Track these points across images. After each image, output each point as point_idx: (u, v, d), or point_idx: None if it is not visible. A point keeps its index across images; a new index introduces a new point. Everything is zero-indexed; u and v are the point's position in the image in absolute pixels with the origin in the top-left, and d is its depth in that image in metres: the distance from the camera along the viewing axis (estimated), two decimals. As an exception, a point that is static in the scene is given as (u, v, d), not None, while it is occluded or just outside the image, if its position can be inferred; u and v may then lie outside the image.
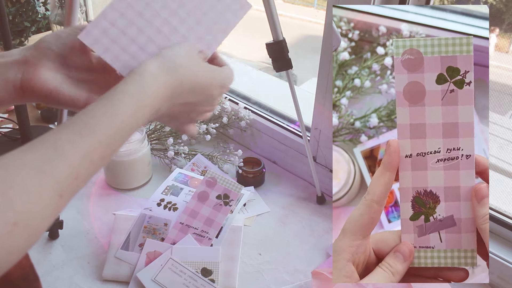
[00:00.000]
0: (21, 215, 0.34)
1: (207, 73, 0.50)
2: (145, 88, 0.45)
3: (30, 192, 0.35)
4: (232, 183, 0.95)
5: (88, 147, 0.39)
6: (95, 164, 0.40)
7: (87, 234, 0.96)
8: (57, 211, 0.37)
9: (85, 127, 0.40)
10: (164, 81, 0.46)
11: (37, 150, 0.37)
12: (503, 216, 0.88)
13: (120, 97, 0.43)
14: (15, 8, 1.46)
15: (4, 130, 1.22)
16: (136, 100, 0.44)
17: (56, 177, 0.36)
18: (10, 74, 0.49)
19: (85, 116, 0.41)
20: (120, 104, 0.43)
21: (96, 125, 0.40)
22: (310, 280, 0.87)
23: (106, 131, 0.41)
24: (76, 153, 0.38)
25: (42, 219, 0.36)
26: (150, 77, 0.45)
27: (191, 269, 0.84)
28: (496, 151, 0.92)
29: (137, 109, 0.43)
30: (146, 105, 0.44)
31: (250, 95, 1.29)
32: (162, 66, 0.47)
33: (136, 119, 0.43)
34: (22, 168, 0.35)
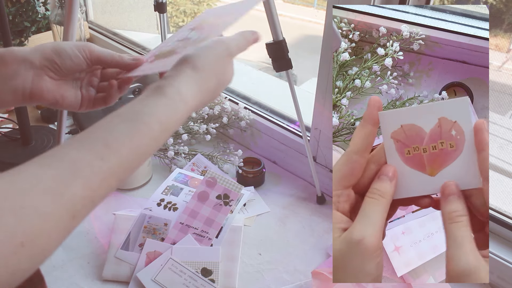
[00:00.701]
0: (29, 236, 0.32)
1: (230, 69, 0.52)
2: (174, 113, 0.44)
3: (42, 212, 0.33)
4: (232, 183, 0.95)
5: (108, 171, 0.38)
6: (113, 187, 0.39)
7: (87, 234, 0.96)
8: (67, 232, 0.36)
9: (107, 150, 0.39)
10: (194, 102, 0.46)
11: (55, 168, 0.36)
12: (503, 216, 0.88)
13: (147, 120, 0.42)
14: (15, 8, 1.46)
15: (4, 130, 1.22)
16: (164, 125, 0.43)
17: (72, 199, 0.35)
18: (18, 82, 0.52)
19: (106, 134, 0.40)
20: (146, 128, 0.41)
21: (118, 149, 0.39)
22: (310, 280, 0.87)
23: (128, 155, 0.40)
24: (96, 178, 0.37)
25: (50, 240, 0.34)
26: (181, 102, 0.45)
27: (191, 269, 0.84)
28: (496, 151, 0.92)
29: (163, 132, 0.43)
30: (172, 128, 0.44)
31: (250, 95, 1.29)
32: (191, 78, 0.47)
33: (158, 141, 0.43)
34: (37, 187, 0.34)
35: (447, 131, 0.44)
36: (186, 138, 1.15)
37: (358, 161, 0.45)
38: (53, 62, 0.52)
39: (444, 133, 0.44)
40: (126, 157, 0.39)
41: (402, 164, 0.46)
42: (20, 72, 0.52)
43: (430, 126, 0.44)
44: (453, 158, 0.44)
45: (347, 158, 0.45)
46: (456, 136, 0.44)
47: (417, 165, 0.45)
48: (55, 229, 0.34)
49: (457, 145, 0.44)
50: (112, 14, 1.77)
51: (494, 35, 0.87)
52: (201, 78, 0.48)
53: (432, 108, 0.44)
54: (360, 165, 0.45)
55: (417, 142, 0.45)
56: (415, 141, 0.45)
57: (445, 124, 0.44)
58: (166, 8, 1.33)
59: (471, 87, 0.89)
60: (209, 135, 1.16)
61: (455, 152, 0.44)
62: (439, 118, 0.44)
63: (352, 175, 0.45)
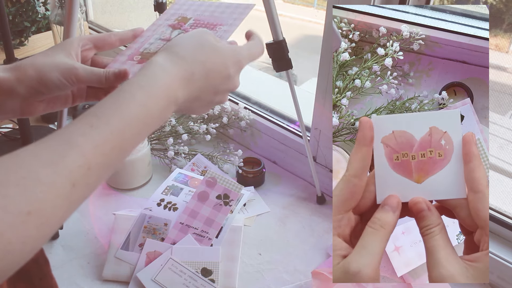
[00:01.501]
0: (34, 204, 0.34)
1: (218, 56, 0.50)
2: (153, 78, 0.45)
3: (43, 182, 0.35)
4: (232, 183, 0.95)
5: (100, 138, 0.39)
6: (109, 155, 0.40)
7: (87, 234, 0.96)
8: (70, 200, 0.37)
9: (95, 119, 0.40)
10: (174, 72, 0.46)
11: (49, 143, 0.38)
12: (503, 216, 0.88)
13: (128, 88, 0.43)
14: (15, 8, 1.46)
15: (4, 130, 1.22)
16: (145, 90, 0.43)
17: (68, 166, 0.36)
18: (7, 109, 0.53)
19: (95, 109, 0.41)
20: (128, 94, 0.43)
21: (106, 116, 0.40)
22: (310, 280, 0.87)
23: (116, 121, 0.41)
24: (88, 144, 0.38)
25: (54, 208, 0.35)
26: (159, 69, 0.45)
27: (191, 269, 0.84)
28: (496, 151, 0.92)
29: (147, 99, 0.43)
30: (157, 95, 0.44)
31: (250, 95, 1.29)
32: (168, 59, 0.47)
33: (147, 108, 0.43)
34: (35, 159, 0.36)
35: (437, 140, 0.45)
36: (186, 138, 1.15)
37: (358, 184, 0.45)
38: (40, 93, 0.52)
39: (434, 142, 0.45)
40: (114, 123, 0.40)
41: (389, 170, 0.46)
42: (7, 103, 0.52)
43: (421, 134, 0.45)
44: (440, 167, 0.45)
45: (347, 182, 0.45)
46: (445, 146, 0.45)
47: (404, 171, 0.46)
48: (58, 198, 0.36)
49: (446, 155, 0.45)
50: (112, 14, 1.77)
51: (494, 35, 0.87)
52: (179, 59, 0.48)
53: (424, 116, 0.45)
54: (360, 188, 0.45)
55: (406, 148, 0.46)
56: (404, 147, 0.46)
57: (436, 133, 0.45)
58: (166, 8, 1.33)
59: (471, 87, 0.89)
60: (209, 135, 1.16)
61: (443, 161, 0.45)
62: (430, 127, 0.45)
63: (352, 199, 0.45)
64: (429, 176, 0.45)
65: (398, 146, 0.46)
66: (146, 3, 1.81)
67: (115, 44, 0.59)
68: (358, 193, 0.45)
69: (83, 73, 0.52)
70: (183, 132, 1.16)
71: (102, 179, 0.41)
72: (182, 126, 1.17)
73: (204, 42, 0.50)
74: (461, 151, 0.44)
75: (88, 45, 0.56)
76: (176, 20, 0.62)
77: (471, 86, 0.89)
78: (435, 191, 0.45)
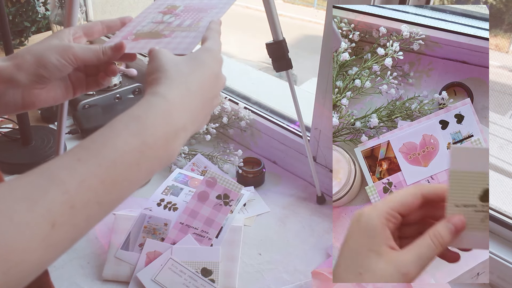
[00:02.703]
0: (4, 247, 0.30)
1: (199, 61, 0.47)
2: (149, 107, 0.42)
3: (14, 220, 0.31)
4: (232, 183, 0.95)
5: (87, 172, 0.35)
6: (98, 191, 0.36)
7: (87, 234, 0.95)
8: (48, 243, 0.33)
9: (83, 151, 0.37)
10: (172, 96, 0.43)
11: (30, 177, 0.34)
12: (503, 216, 0.88)
13: (120, 118, 0.40)
14: (15, 8, 1.46)
15: (4, 130, 1.22)
16: (140, 120, 0.40)
17: (47, 204, 0.33)
18: (8, 99, 0.52)
19: (84, 141, 0.38)
20: (121, 125, 0.40)
21: (95, 148, 0.37)
22: (310, 280, 0.87)
23: (106, 153, 0.37)
24: (73, 179, 0.34)
25: (26, 251, 0.31)
26: (158, 97, 0.43)
27: (191, 269, 0.84)
28: (496, 151, 0.92)
29: (141, 128, 0.40)
30: (154, 123, 0.40)
31: (250, 95, 1.29)
32: (161, 85, 0.44)
33: (143, 138, 0.39)
34: (9, 194, 0.32)
35: (428, 141, 0.84)
36: (186, 138, 1.15)
37: (417, 202, 0.45)
38: (41, 76, 0.51)
39: (427, 143, 0.84)
40: (105, 155, 0.37)
41: (407, 164, 0.84)
42: (8, 92, 0.52)
43: (418, 140, 0.83)
44: (434, 154, 0.83)
45: (419, 191, 0.45)
46: (434, 143, 0.83)
47: (416, 162, 0.84)
48: (33, 240, 0.32)
49: (435, 148, 0.80)
50: (112, 14, 1.77)
51: (494, 35, 0.87)
52: (168, 80, 0.45)
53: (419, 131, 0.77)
54: (416, 205, 0.45)
55: (413, 151, 0.84)
56: (412, 150, 0.84)
57: (427, 138, 0.84)
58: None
59: (471, 87, 0.89)
60: (209, 135, 1.16)
61: (434, 151, 0.83)
62: (423, 135, 0.84)
63: (411, 207, 0.45)
64: (430, 161, 0.84)
65: (409, 151, 0.84)
66: (146, 3, 1.81)
67: (103, 31, 0.59)
68: (413, 208, 0.45)
69: (80, 50, 0.52)
70: (183, 132, 1.16)
71: (96, 218, 0.37)
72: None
73: (177, 58, 0.48)
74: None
75: (79, 33, 0.57)
76: (166, 8, 0.63)
77: (471, 86, 0.89)
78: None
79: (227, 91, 1.30)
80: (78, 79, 0.58)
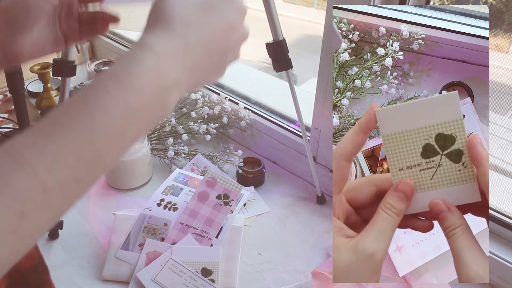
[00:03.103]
0: None
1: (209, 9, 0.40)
2: (133, 63, 0.35)
3: None
4: (232, 183, 0.95)
5: (58, 149, 0.30)
6: (73, 168, 0.31)
7: (87, 234, 0.96)
8: (20, 233, 0.29)
9: (54, 126, 0.31)
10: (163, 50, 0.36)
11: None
12: (503, 216, 0.88)
13: (98, 80, 0.34)
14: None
15: (4, 130, 1.22)
16: (121, 81, 0.34)
17: (12, 192, 0.28)
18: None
19: (55, 113, 0.32)
20: (98, 88, 0.33)
21: (68, 121, 0.31)
22: (310, 280, 0.87)
23: (82, 124, 0.31)
24: (42, 159, 0.30)
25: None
26: (143, 51, 0.35)
27: (191, 269, 0.84)
28: (496, 151, 0.92)
29: (123, 90, 0.33)
30: (139, 84, 0.34)
31: (250, 95, 1.29)
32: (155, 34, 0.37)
33: (126, 103, 0.33)
34: None
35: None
36: (186, 138, 1.15)
37: (347, 166, 0.44)
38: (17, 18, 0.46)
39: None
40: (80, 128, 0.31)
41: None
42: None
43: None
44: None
45: (336, 164, 0.44)
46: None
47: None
48: (1, 233, 0.28)
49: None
50: (112, 14, 1.77)
51: (494, 35, 0.87)
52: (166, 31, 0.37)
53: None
54: (348, 170, 0.44)
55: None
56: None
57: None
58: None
59: (471, 86, 0.89)
60: (209, 135, 1.16)
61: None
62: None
63: (342, 181, 0.44)
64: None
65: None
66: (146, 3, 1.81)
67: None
68: (347, 175, 0.44)
69: None
70: (183, 132, 1.16)
71: (77, 196, 0.32)
72: (182, 126, 1.17)
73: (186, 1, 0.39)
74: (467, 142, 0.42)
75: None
76: None
77: (471, 85, 0.89)
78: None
79: (227, 91, 1.30)
80: (70, 28, 0.51)
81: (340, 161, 0.44)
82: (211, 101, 1.20)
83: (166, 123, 1.16)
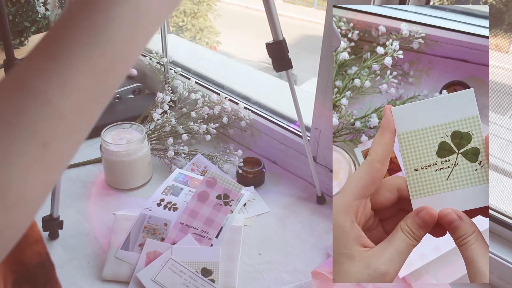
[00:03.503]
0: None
1: None
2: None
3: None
4: (232, 183, 0.95)
5: (67, 71, 0.28)
6: (86, 88, 0.29)
7: (87, 234, 0.96)
8: (48, 163, 0.28)
9: (58, 46, 0.29)
10: None
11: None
12: (503, 216, 0.88)
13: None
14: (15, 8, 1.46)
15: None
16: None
17: (31, 124, 0.27)
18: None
19: (56, 29, 0.30)
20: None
21: (73, 38, 0.29)
22: (310, 280, 0.87)
23: (88, 41, 0.29)
24: (51, 85, 0.28)
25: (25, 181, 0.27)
26: None
27: (191, 269, 0.84)
28: (496, 151, 0.92)
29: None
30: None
31: (250, 95, 1.29)
32: None
33: (133, 4, 0.31)
34: None
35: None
36: (186, 138, 1.15)
37: (380, 170, 0.43)
38: None
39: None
40: (89, 45, 0.29)
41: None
42: None
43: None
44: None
45: (369, 167, 0.43)
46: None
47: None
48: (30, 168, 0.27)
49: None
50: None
51: (494, 35, 0.87)
52: None
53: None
54: (381, 173, 0.43)
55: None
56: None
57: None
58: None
59: (472, 86, 0.89)
60: (209, 135, 1.16)
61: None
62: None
63: (373, 185, 0.43)
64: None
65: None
66: None
67: None
68: (379, 179, 0.43)
69: None
70: (183, 132, 1.16)
71: (95, 115, 0.31)
72: (182, 126, 1.17)
73: None
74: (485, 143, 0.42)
75: None
76: None
77: (472, 85, 0.89)
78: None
79: (227, 91, 1.30)
80: None
81: (373, 163, 0.43)
82: (211, 101, 1.19)
83: (166, 123, 1.16)
